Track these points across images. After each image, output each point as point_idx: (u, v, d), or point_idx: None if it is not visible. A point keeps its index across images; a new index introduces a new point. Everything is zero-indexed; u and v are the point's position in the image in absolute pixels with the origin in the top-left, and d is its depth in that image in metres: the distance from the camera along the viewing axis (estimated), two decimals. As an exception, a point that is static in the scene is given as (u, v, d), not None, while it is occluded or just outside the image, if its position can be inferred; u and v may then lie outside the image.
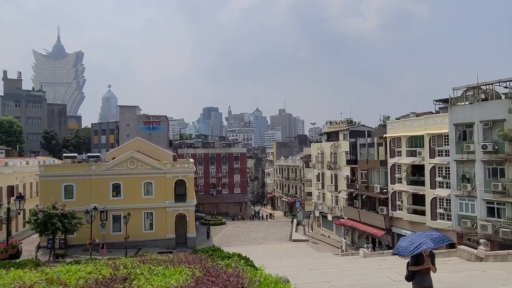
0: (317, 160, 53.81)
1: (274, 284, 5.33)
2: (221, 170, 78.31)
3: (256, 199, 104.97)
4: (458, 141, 27.94)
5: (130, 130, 66.09)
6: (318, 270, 17.84)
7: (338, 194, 47.87)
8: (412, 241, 6.64)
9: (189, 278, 5.32)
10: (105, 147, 68.63)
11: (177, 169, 41.53)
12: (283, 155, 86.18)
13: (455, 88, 29.06)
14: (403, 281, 12.87)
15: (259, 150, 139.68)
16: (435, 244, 6.64)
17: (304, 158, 68.97)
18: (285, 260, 28.61)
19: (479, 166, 26.25)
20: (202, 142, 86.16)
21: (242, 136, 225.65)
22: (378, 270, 16.64)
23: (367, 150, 40.59)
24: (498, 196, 24.86)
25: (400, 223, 35.02)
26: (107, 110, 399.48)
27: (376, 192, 37.81)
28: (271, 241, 47.34)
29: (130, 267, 7.73)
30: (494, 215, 25.36)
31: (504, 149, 24.58)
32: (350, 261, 22.36)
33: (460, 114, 27.88)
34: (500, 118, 24.91)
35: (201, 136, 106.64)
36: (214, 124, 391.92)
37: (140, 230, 38.91)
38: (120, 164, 39.56)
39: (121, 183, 39.27)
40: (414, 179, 33.29)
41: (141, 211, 39.25)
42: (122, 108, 71.57)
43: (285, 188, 79.84)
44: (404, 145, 34.16)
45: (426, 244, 6.53)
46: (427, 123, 32.02)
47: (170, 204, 40.21)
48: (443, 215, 29.95)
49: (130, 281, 5.60)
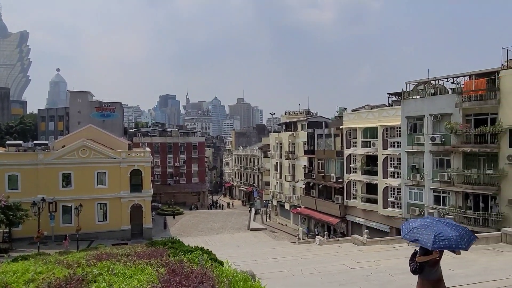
0: (275, 150, 54.39)
1: (243, 281, 5.23)
2: (179, 159, 76.95)
3: (214, 188, 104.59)
4: (409, 133, 29.35)
5: (82, 117, 62.67)
6: (277, 259, 18.08)
7: (295, 184, 48.79)
8: (439, 231, 5.59)
9: (155, 279, 5.07)
10: (54, 135, 64.68)
11: (132, 158, 40.14)
12: (241, 144, 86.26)
13: (407, 82, 30.37)
14: (360, 268, 13.42)
15: (218, 139, 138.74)
16: (467, 245, 5.59)
17: (262, 148, 69.45)
18: (243, 250, 28.80)
19: (427, 157, 27.79)
20: (159, 131, 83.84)
21: (201, 125, 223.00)
22: (335, 257, 17.14)
23: (324, 140, 41.59)
24: (444, 185, 26.51)
25: (354, 211, 36.42)
26: (55, 95, 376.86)
27: (332, 182, 38.95)
28: (229, 230, 47.47)
29: (85, 265, 7.25)
30: (440, 203, 27.05)
31: (450, 141, 26.15)
32: (307, 249, 22.87)
33: (411, 107, 29.24)
34: (447, 112, 26.41)
35: (158, 125, 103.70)
36: (171, 112, 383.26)
37: (93, 221, 37.34)
38: (71, 152, 37.52)
39: (72, 173, 37.32)
40: (368, 169, 34.64)
41: (94, 202, 37.63)
42: (73, 93, 67.58)
43: (244, 177, 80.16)
44: (360, 136, 35.36)
45: (459, 243, 5.51)
46: (381, 116, 33.30)
47: (125, 194, 38.92)
48: (394, 203, 31.49)
49: (87, 282, 5.23)
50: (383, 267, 12.32)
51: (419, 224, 5.85)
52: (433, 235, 5.47)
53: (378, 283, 9.86)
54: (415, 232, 5.71)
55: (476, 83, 24.85)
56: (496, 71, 23.87)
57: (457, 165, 25.76)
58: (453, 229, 5.63)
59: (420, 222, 5.91)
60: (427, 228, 5.67)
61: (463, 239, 5.51)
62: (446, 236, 5.47)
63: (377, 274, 11.16)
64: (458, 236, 5.50)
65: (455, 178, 25.77)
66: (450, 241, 5.43)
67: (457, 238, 5.46)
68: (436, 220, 6.01)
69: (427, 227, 5.69)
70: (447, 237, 5.46)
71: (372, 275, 10.92)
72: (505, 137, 23.17)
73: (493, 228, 22.30)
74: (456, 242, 5.43)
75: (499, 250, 14.15)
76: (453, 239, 5.44)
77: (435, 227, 5.65)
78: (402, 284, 9.56)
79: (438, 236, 5.45)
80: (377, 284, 9.82)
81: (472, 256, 13.35)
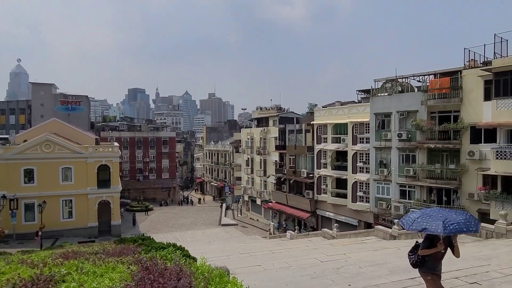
0: (246, 145, 54.43)
1: (219, 277, 5.17)
2: (149, 155, 75.38)
3: (185, 184, 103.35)
4: (377, 129, 30.19)
5: (45, 110, 59.98)
6: (248, 253, 18.11)
7: (266, 179, 49.09)
8: (445, 217, 5.44)
9: (128, 277, 4.90)
10: (15, 129, 61.63)
11: (100, 154, 38.92)
12: (213, 140, 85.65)
13: (376, 80, 31.19)
14: (330, 261, 13.69)
15: (189, 135, 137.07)
16: (477, 227, 5.53)
17: (234, 143, 69.27)
18: (214, 245, 28.65)
19: (394, 152, 28.72)
20: (127, 125, 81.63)
21: (171, 120, 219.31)
22: (305, 251, 17.38)
23: (295, 136, 42.03)
24: (410, 180, 27.52)
25: (324, 205, 37.13)
26: (16, 87, 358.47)
27: (303, 177, 39.49)
28: (200, 226, 47.14)
29: (52, 264, 6.92)
30: (406, 197, 28.08)
31: (416, 138, 27.14)
32: (278, 243, 23.05)
33: (379, 104, 30.06)
34: (413, 109, 27.36)
35: (127, 119, 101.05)
36: (140, 106, 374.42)
37: (57, 218, 35.99)
38: (34, 147, 35.88)
39: (34, 169, 35.71)
40: (338, 164, 35.37)
41: (58, 199, 36.26)
42: (35, 85, 64.51)
43: (215, 172, 79.73)
44: (330, 132, 36.00)
45: (469, 226, 5.37)
46: (351, 112, 34.03)
47: (92, 190, 37.74)
48: (363, 197, 32.36)
49: (55, 282, 4.98)
50: (353, 260, 12.62)
51: (420, 214, 5.71)
52: (441, 221, 5.32)
53: (348, 275, 10.08)
54: (420, 222, 5.52)
55: (441, 82, 25.87)
56: (459, 70, 24.94)
57: (422, 161, 26.79)
58: (458, 215, 5.55)
59: (421, 213, 5.78)
60: (432, 216, 5.53)
61: (470, 222, 5.43)
62: (454, 220, 5.34)
63: (347, 266, 11.41)
64: (466, 220, 5.41)
65: (420, 173, 26.79)
66: (460, 225, 5.30)
67: (465, 221, 5.37)
68: (436, 209, 5.93)
69: (431, 215, 5.56)
70: (456, 221, 5.33)
71: (342, 268, 11.15)
72: (466, 134, 24.32)
73: (454, 220, 23.35)
74: (465, 225, 5.34)
75: (461, 241, 14.84)
76: (462, 223, 5.33)
77: (439, 214, 5.54)
78: (371, 275, 9.82)
79: (446, 222, 5.31)
80: (347, 276, 10.04)
81: (436, 248, 13.95)
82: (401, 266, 10.81)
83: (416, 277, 9.20)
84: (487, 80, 22.91)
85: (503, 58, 21.68)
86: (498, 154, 21.35)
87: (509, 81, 21.06)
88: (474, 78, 23.84)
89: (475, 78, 23.78)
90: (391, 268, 10.47)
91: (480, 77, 23.43)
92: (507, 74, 21.17)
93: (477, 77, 23.65)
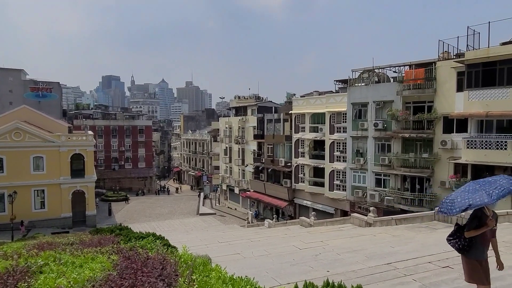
0: (225, 135, 54.19)
1: (202, 265, 5.14)
2: (124, 144, 73.89)
3: (162, 173, 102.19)
4: (354, 119, 30.66)
5: (14, 97, 57.54)
6: (227, 242, 18.16)
7: (245, 168, 49.16)
8: (486, 186, 4.92)
9: (109, 267, 4.79)
10: (-19, 116, 58.89)
11: (73, 142, 37.86)
12: (190, 128, 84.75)
13: (353, 70, 31.54)
14: (308, 248, 13.91)
15: (165, 123, 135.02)
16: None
17: (212, 132, 68.82)
18: (193, 234, 28.57)
19: (370, 142, 29.30)
20: (102, 113, 79.49)
21: (147, 108, 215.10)
22: (284, 239, 17.59)
23: (273, 125, 42.15)
24: (385, 168, 28.20)
25: (302, 194, 37.60)
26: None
27: (281, 166, 39.77)
28: (178, 215, 46.86)
29: (27, 256, 6.70)
30: (381, 186, 28.79)
31: (391, 127, 27.75)
32: (256, 232, 23.23)
33: (356, 94, 30.48)
34: (389, 99, 27.90)
35: (101, 107, 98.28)
36: (115, 94, 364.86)
37: (29, 209, 34.94)
38: (3, 135, 34.48)
39: (4, 158, 34.41)
40: (315, 153, 35.78)
41: (30, 189, 35.15)
42: (3, 70, 61.60)
43: (192, 162, 79.13)
44: (308, 121, 36.29)
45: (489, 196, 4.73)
46: (329, 102, 34.37)
47: (66, 180, 36.76)
48: (339, 186, 32.97)
49: (32, 274, 4.81)
50: (330, 247, 12.88)
51: (457, 194, 5.12)
52: (484, 191, 4.78)
53: (327, 262, 10.29)
54: (461, 201, 4.88)
55: (416, 73, 26.44)
56: (434, 62, 25.54)
57: (397, 150, 27.48)
58: (496, 181, 5.03)
59: (457, 193, 5.19)
60: (470, 192, 4.97)
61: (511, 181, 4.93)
62: (497, 185, 4.83)
63: (325, 253, 11.64)
64: (507, 180, 4.94)
65: (394, 162, 27.48)
66: (503, 186, 4.79)
67: (508, 182, 4.89)
68: (470, 183, 5.30)
69: (469, 191, 4.99)
70: (498, 185, 4.82)
71: (320, 255, 11.36)
72: (439, 124, 25.06)
73: (427, 207, 24.20)
74: (509, 184, 4.84)
75: (433, 227, 15.40)
76: (505, 184, 4.82)
77: (477, 186, 5.02)
78: (348, 262, 10.06)
79: (490, 189, 4.78)
80: (325, 262, 10.24)
81: (410, 234, 14.41)
82: (377, 252, 11.14)
83: (391, 262, 9.52)
84: (460, 72, 23.58)
85: (475, 51, 22.33)
86: (469, 143, 22.13)
87: (481, 73, 21.75)
88: (448, 70, 24.48)
89: (449, 70, 24.42)
90: (368, 254, 10.75)
91: (453, 69, 24.09)
92: (478, 66, 21.85)
93: (450, 69, 24.30)
